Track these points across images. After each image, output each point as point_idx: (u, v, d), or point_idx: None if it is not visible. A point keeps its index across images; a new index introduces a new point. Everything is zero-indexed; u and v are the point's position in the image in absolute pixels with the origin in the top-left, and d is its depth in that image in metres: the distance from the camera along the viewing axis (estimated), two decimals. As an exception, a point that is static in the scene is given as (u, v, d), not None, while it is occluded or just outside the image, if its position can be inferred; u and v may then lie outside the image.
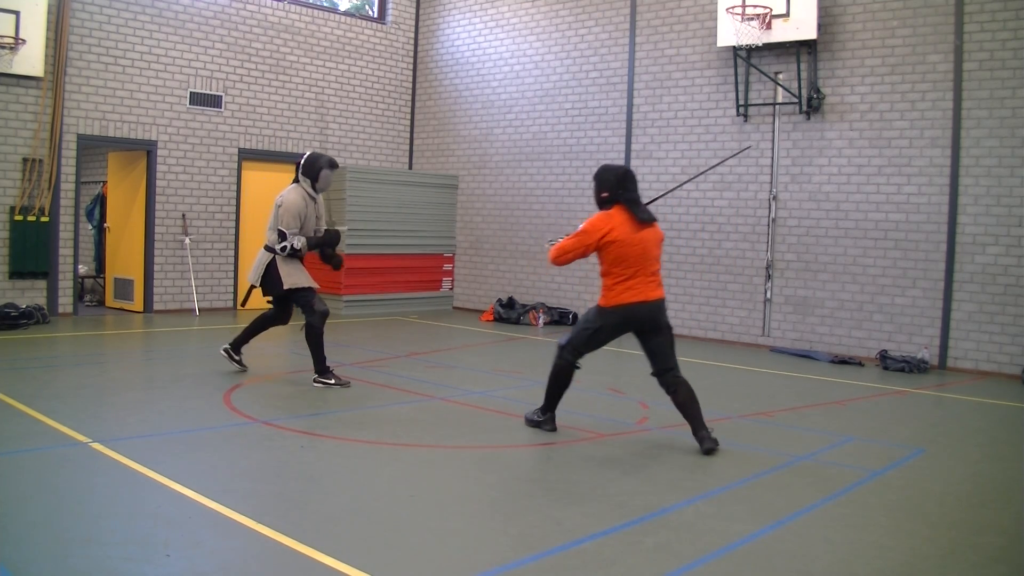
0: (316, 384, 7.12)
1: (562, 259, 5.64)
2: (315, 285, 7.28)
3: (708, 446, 5.47)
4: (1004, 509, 4.60)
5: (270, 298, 7.48)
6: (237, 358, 7.72)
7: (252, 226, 12.73)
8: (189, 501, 4.21)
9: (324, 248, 7.45)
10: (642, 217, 5.63)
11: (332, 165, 7.18)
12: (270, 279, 7.18)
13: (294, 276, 7.15)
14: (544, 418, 5.98)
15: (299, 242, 7.13)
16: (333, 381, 7.11)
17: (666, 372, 5.63)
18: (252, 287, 7.43)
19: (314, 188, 7.20)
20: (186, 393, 6.81)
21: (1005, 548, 4.05)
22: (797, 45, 10.05)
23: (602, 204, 5.70)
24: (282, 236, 7.11)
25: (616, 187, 5.63)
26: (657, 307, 5.57)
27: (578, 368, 5.82)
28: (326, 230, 7.41)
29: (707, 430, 5.56)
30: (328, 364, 7.18)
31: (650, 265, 5.60)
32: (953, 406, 7.56)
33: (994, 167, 8.97)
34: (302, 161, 7.20)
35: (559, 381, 5.83)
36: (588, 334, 5.67)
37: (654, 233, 5.69)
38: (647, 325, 5.58)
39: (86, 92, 10.99)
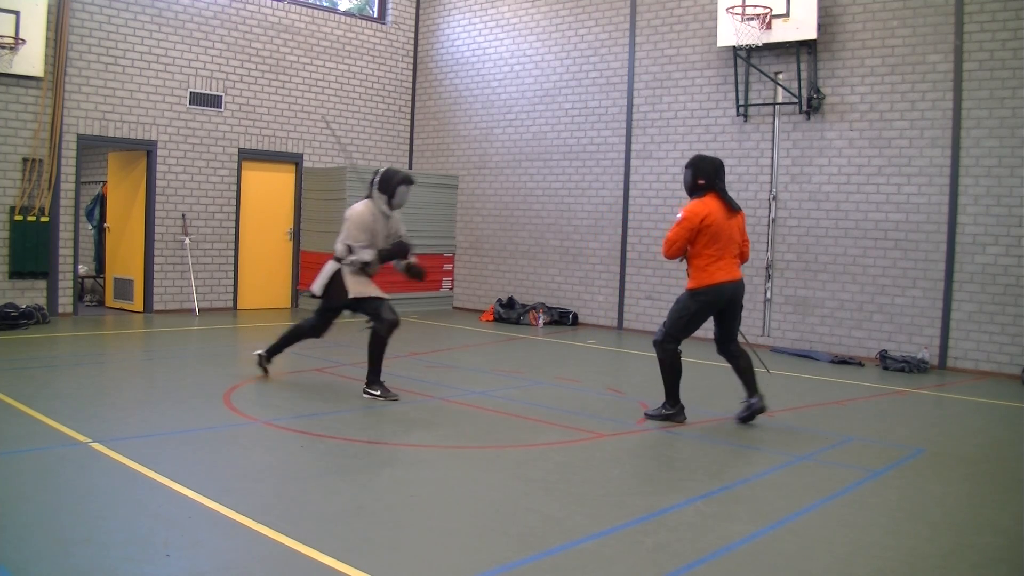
0: (364, 395, 6.78)
1: (673, 249, 6.08)
2: (384, 295, 6.94)
3: (761, 404, 6.20)
4: (1004, 509, 4.60)
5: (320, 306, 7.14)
6: (265, 365, 7.46)
7: (252, 226, 12.74)
8: (189, 501, 4.21)
9: (397, 260, 7.09)
10: (733, 206, 6.14)
11: (408, 181, 6.92)
12: (335, 289, 6.86)
13: (361, 286, 6.85)
14: (675, 410, 6.28)
15: (369, 255, 6.80)
16: (379, 393, 6.77)
17: (731, 343, 6.32)
18: (313, 297, 7.05)
19: (390, 205, 6.88)
20: (186, 393, 6.81)
21: (1005, 548, 4.05)
22: (797, 45, 10.05)
23: (695, 191, 6.14)
24: (350, 250, 6.79)
25: (713, 176, 6.09)
26: (740, 285, 6.20)
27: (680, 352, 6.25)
28: (396, 242, 7.03)
29: (760, 395, 6.23)
30: (381, 377, 6.84)
31: (735, 248, 6.16)
32: (953, 406, 7.56)
33: (994, 167, 8.97)
34: (376, 178, 6.88)
35: (674, 371, 6.21)
36: (685, 321, 6.15)
37: (740, 220, 6.21)
38: (730, 302, 6.16)
39: (86, 92, 10.99)
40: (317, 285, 6.99)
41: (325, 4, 13.75)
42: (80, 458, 4.89)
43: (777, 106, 10.45)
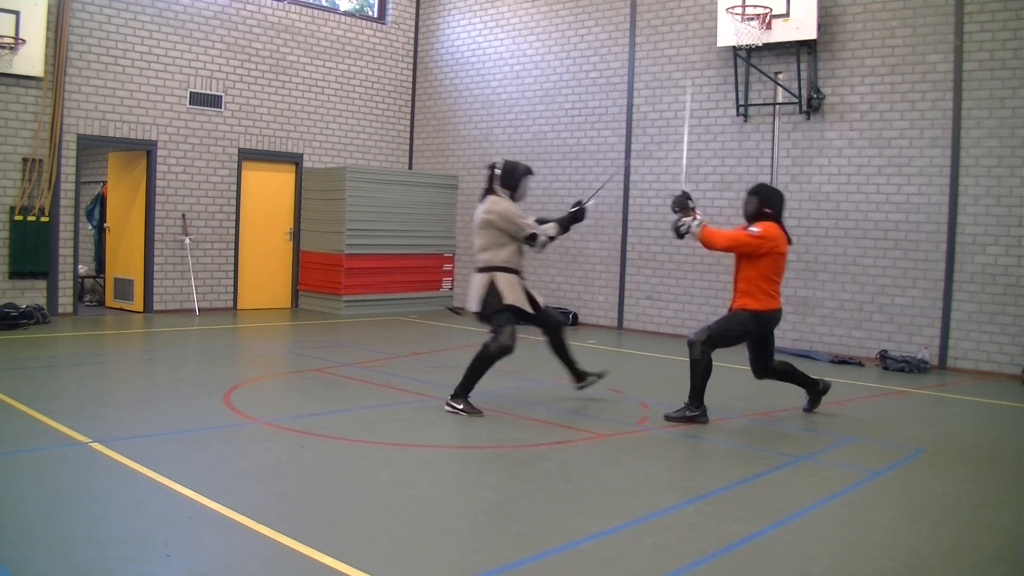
0: (446, 407, 6.48)
1: (722, 245, 6.23)
2: (525, 307, 6.59)
3: (825, 384, 6.72)
4: (1004, 509, 4.60)
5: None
6: (590, 375, 7.07)
7: (252, 226, 12.75)
8: (189, 501, 4.21)
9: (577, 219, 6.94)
10: (790, 239, 6.42)
11: (530, 172, 6.82)
12: (491, 297, 6.51)
13: (514, 294, 6.50)
14: (700, 411, 6.28)
15: (551, 230, 6.66)
16: (462, 407, 6.45)
17: (770, 361, 6.52)
18: (477, 314, 6.74)
19: (513, 198, 6.66)
20: (186, 393, 6.81)
21: (1005, 548, 4.05)
22: (797, 45, 10.05)
23: (757, 218, 6.27)
24: (533, 237, 6.55)
25: (780, 207, 6.34)
26: (781, 313, 6.47)
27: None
28: (574, 211, 6.88)
29: (821, 380, 6.72)
30: (469, 393, 6.55)
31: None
32: (953, 406, 7.56)
33: (994, 167, 8.97)
34: (498, 172, 6.62)
35: (707, 373, 6.26)
36: (736, 334, 6.29)
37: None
38: (773, 327, 6.45)
39: (86, 92, 10.99)
40: (474, 302, 6.63)
41: (325, 4, 13.75)
42: (80, 458, 4.89)
43: (777, 106, 10.45)
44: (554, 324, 6.86)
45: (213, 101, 12.15)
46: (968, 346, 9.13)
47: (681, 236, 6.41)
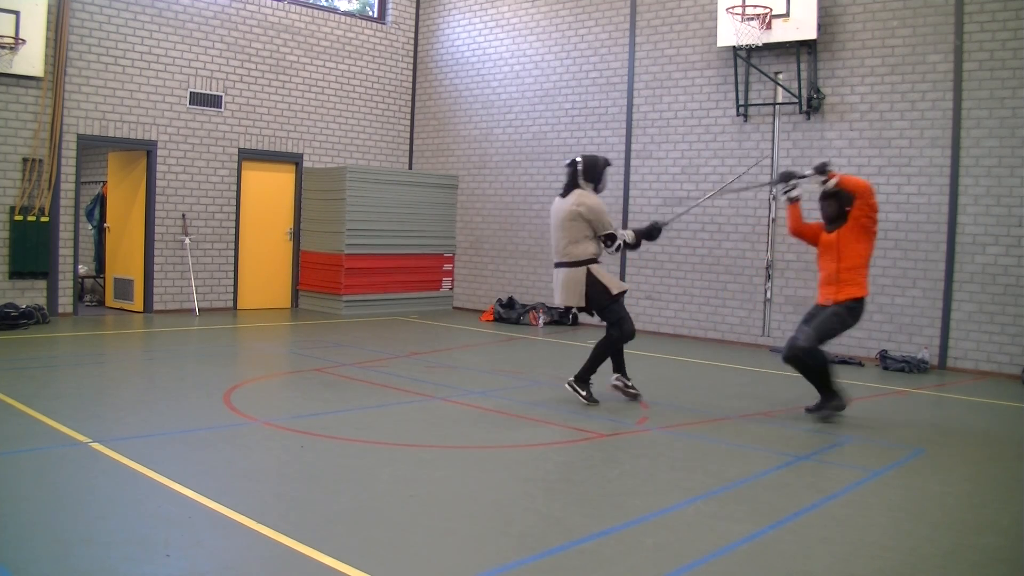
0: (567, 386, 6.81)
1: (864, 184, 6.44)
2: (627, 287, 6.99)
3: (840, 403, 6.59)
4: (1004, 509, 4.60)
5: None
6: (629, 384, 7.12)
7: (252, 226, 12.75)
8: (189, 501, 4.21)
9: (652, 237, 7.17)
10: None
11: (609, 163, 7.12)
12: (596, 291, 6.71)
13: (616, 281, 6.83)
14: (838, 400, 6.50)
15: (629, 236, 6.89)
16: (585, 393, 6.75)
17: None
18: (577, 310, 7.02)
19: (596, 190, 6.91)
20: (186, 393, 6.81)
21: (1005, 548, 4.05)
22: (797, 45, 10.05)
23: (840, 217, 6.56)
24: (612, 237, 6.77)
25: (852, 200, 6.50)
26: None
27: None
28: (649, 228, 7.09)
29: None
30: (590, 378, 6.83)
31: None
32: (953, 406, 7.56)
33: (994, 167, 8.97)
34: (580, 167, 6.86)
35: (828, 367, 6.47)
36: (841, 330, 6.47)
37: None
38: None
39: (86, 92, 10.99)
40: (574, 298, 6.74)
41: (325, 4, 13.75)
42: (80, 458, 4.89)
43: (777, 106, 10.45)
44: (630, 329, 6.89)
45: (213, 101, 12.15)
46: (968, 346, 9.12)
47: (792, 200, 6.90)
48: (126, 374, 8.05)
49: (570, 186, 6.85)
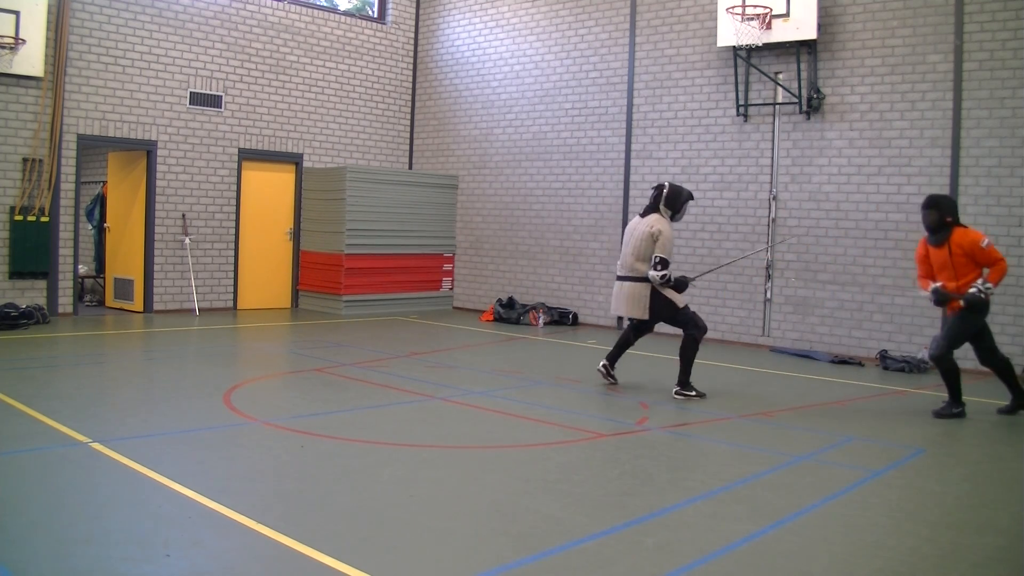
0: (677, 396, 7.21)
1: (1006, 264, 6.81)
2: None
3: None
4: (1004, 509, 4.60)
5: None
6: (611, 373, 7.75)
7: (252, 226, 12.75)
8: (189, 501, 4.21)
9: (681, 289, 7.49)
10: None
11: (692, 197, 7.53)
12: (659, 305, 7.28)
13: (679, 295, 7.35)
14: (960, 408, 6.85)
15: (676, 273, 7.37)
16: (694, 393, 7.23)
17: (996, 349, 7.03)
18: (638, 321, 7.50)
19: (673, 219, 7.41)
20: (186, 393, 6.81)
21: (1005, 548, 4.05)
22: (797, 45, 10.05)
23: (941, 228, 6.73)
24: (665, 264, 7.14)
25: (956, 211, 6.81)
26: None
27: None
28: (679, 279, 7.45)
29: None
30: (689, 378, 7.30)
31: None
32: (953, 406, 7.55)
33: (994, 167, 8.97)
34: (665, 192, 7.37)
35: (957, 373, 6.82)
36: (970, 334, 6.83)
37: None
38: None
39: (86, 92, 10.99)
40: (638, 311, 7.32)
41: (325, 4, 13.75)
42: (80, 458, 4.89)
43: (777, 106, 10.45)
44: (703, 327, 7.40)
45: (213, 101, 12.15)
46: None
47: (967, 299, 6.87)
48: (126, 374, 8.05)
49: (651, 208, 7.37)
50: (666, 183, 7.47)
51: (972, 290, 6.69)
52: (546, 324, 12.08)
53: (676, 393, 7.23)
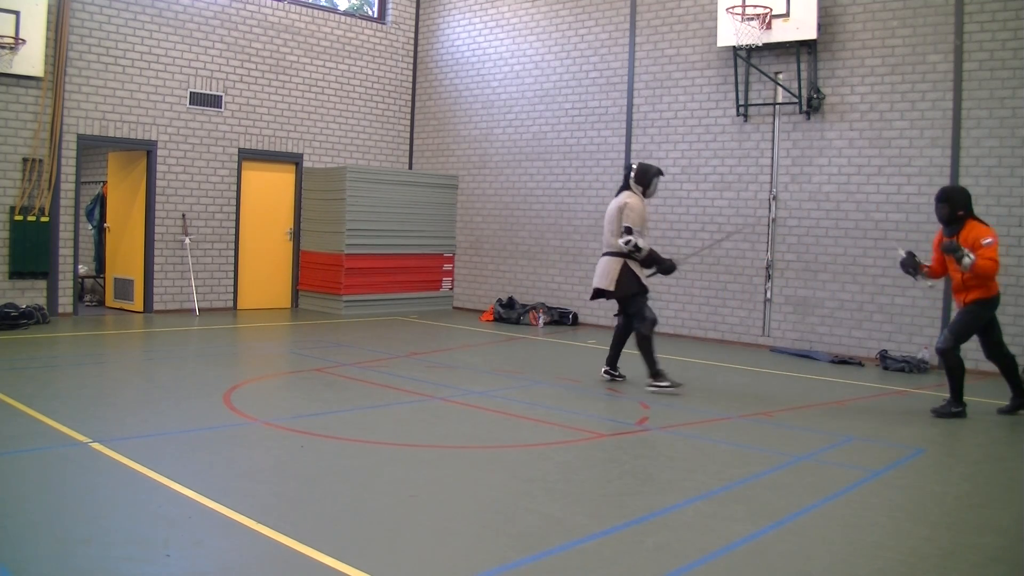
0: (649, 388, 7.37)
1: (993, 274, 6.69)
2: (646, 289, 7.59)
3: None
4: (1004, 509, 4.60)
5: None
6: (615, 374, 7.92)
7: (252, 226, 12.75)
8: (189, 501, 4.21)
9: (656, 269, 7.69)
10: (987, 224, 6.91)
11: (661, 173, 7.74)
12: (626, 279, 7.47)
13: (638, 280, 7.50)
14: (960, 408, 6.82)
15: (644, 242, 7.42)
16: (667, 384, 7.36)
17: (1001, 346, 7.00)
18: (602, 293, 7.64)
19: (645, 194, 7.63)
20: (186, 393, 6.81)
21: (1005, 548, 4.05)
22: (797, 45, 10.05)
23: (953, 221, 6.73)
24: (630, 231, 7.34)
25: (969, 204, 6.79)
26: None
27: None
28: (668, 261, 7.70)
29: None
30: (658, 368, 7.44)
31: None
32: (953, 406, 7.55)
33: (994, 167, 8.97)
34: (633, 172, 7.63)
35: (962, 370, 6.81)
36: (976, 327, 6.84)
37: None
38: (996, 310, 6.97)
39: (86, 92, 10.99)
40: (604, 281, 7.54)
41: (325, 4, 13.75)
42: (80, 458, 4.89)
43: (777, 106, 10.45)
44: (650, 321, 7.52)
45: (213, 101, 12.15)
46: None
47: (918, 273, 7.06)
48: (126, 374, 8.05)
49: (624, 187, 7.67)
50: (635, 163, 7.79)
51: (961, 251, 6.59)
52: (546, 324, 12.08)
53: (648, 386, 7.39)
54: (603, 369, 7.93)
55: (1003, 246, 8.85)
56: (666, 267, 7.66)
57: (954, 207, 6.74)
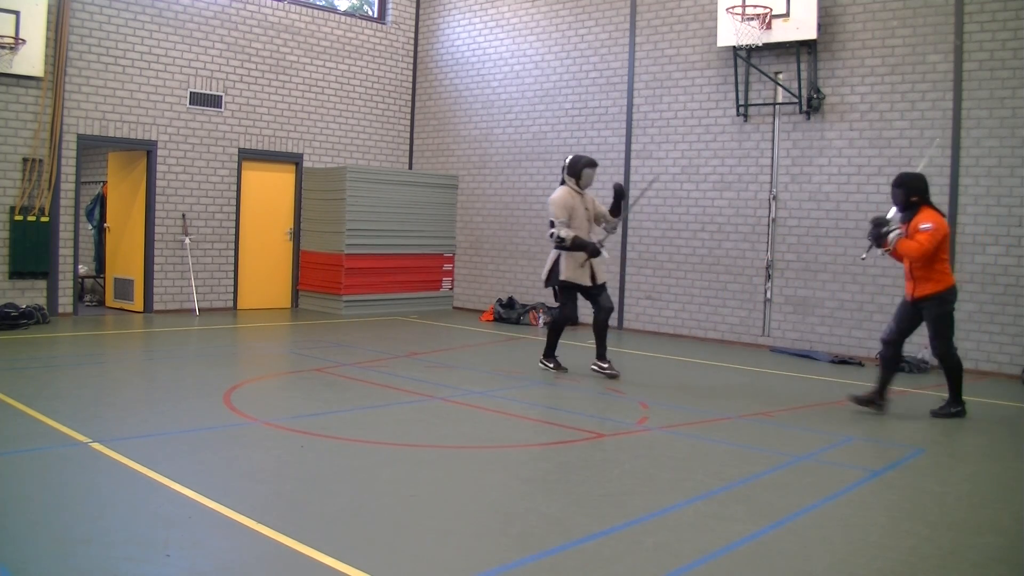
0: (540, 365, 8.17)
1: (928, 254, 6.55)
2: (585, 283, 7.89)
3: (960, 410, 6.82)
4: (1004, 509, 4.60)
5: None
6: (604, 366, 8.10)
7: (252, 226, 12.75)
8: (189, 501, 4.21)
9: (586, 252, 7.90)
10: (944, 214, 6.82)
11: (592, 164, 8.05)
12: (555, 273, 7.92)
13: (567, 271, 7.85)
14: (959, 408, 6.81)
15: (565, 232, 7.75)
16: (553, 366, 8.16)
17: (904, 339, 6.99)
18: (550, 287, 8.10)
19: (579, 185, 7.98)
20: (186, 393, 6.81)
21: (1005, 548, 4.05)
22: (797, 45, 10.05)
23: (908, 207, 6.67)
24: (552, 224, 7.82)
25: (926, 191, 6.71)
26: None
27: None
28: (592, 244, 7.82)
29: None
30: (557, 354, 8.24)
31: None
32: (953, 406, 7.55)
33: (994, 167, 8.97)
34: (565, 164, 8.10)
35: (961, 371, 6.79)
36: (951, 319, 6.76)
37: None
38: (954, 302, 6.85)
39: (86, 92, 10.99)
40: (544, 272, 8.08)
41: (325, 4, 13.75)
42: (80, 458, 4.89)
43: (777, 106, 10.45)
44: (604, 308, 7.96)
45: (213, 101, 12.15)
46: (968, 346, 9.12)
47: (878, 245, 6.91)
48: (126, 374, 8.05)
49: (561, 182, 8.09)
50: (570, 155, 8.17)
51: (885, 225, 6.70)
52: (546, 324, 12.07)
53: (540, 362, 8.22)
54: (592, 365, 8.11)
55: (1003, 246, 8.88)
56: (591, 250, 7.82)
57: (908, 192, 6.69)
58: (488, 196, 13.58)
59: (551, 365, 8.16)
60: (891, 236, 6.65)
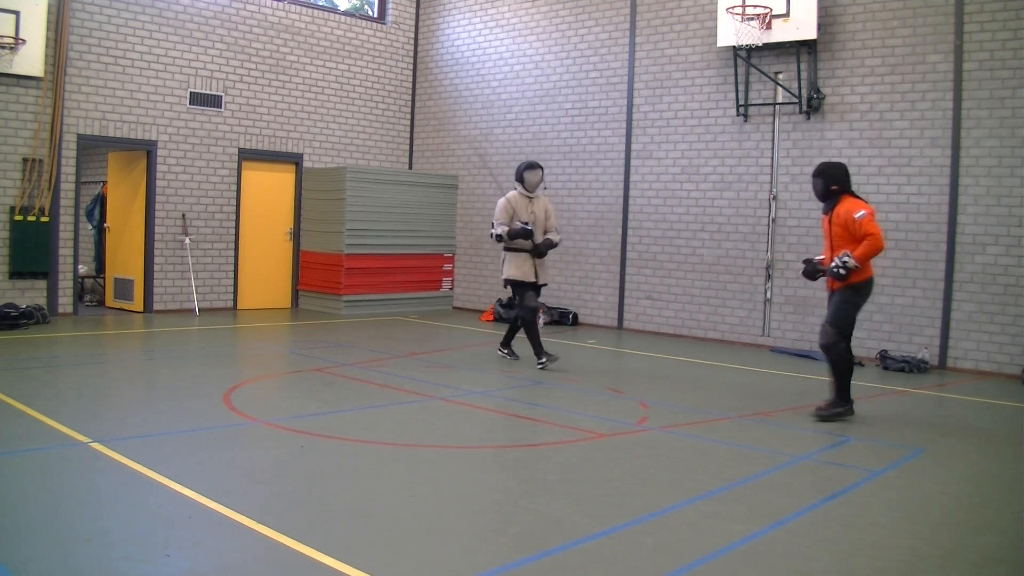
0: (538, 366, 8.39)
1: (874, 254, 6.28)
2: (529, 279, 8.47)
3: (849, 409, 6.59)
4: (1004, 509, 4.60)
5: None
6: (506, 351, 8.96)
7: (252, 226, 12.75)
8: (189, 501, 4.21)
9: (528, 243, 8.50)
10: (866, 200, 6.75)
11: (532, 166, 8.55)
12: (505, 271, 8.58)
13: (513, 269, 8.49)
14: (845, 407, 6.54)
15: (501, 229, 8.40)
16: (507, 351, 8.90)
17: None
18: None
19: (527, 188, 8.53)
20: (186, 393, 6.81)
21: (1005, 548, 4.05)
22: (797, 45, 10.05)
23: (828, 196, 6.49)
24: (492, 225, 8.52)
25: (846, 180, 6.51)
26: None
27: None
28: (522, 228, 8.40)
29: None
30: (511, 345, 8.94)
31: None
32: (953, 406, 7.55)
33: (994, 167, 8.97)
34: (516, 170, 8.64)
35: (849, 368, 6.54)
36: (853, 314, 6.53)
37: None
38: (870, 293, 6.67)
39: (86, 92, 10.99)
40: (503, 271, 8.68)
41: (325, 4, 13.75)
42: (80, 458, 4.89)
43: (777, 106, 10.46)
44: (526, 308, 8.44)
45: (213, 101, 12.15)
46: (968, 346, 9.12)
47: (812, 279, 6.90)
48: (126, 374, 8.05)
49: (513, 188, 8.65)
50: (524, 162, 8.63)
51: (833, 264, 6.32)
52: (546, 324, 12.06)
53: (537, 365, 8.42)
54: (538, 364, 8.46)
55: (1003, 246, 8.88)
56: (525, 236, 8.38)
57: (828, 182, 6.46)
58: (488, 196, 13.57)
59: (548, 359, 8.39)
60: (842, 271, 6.29)
